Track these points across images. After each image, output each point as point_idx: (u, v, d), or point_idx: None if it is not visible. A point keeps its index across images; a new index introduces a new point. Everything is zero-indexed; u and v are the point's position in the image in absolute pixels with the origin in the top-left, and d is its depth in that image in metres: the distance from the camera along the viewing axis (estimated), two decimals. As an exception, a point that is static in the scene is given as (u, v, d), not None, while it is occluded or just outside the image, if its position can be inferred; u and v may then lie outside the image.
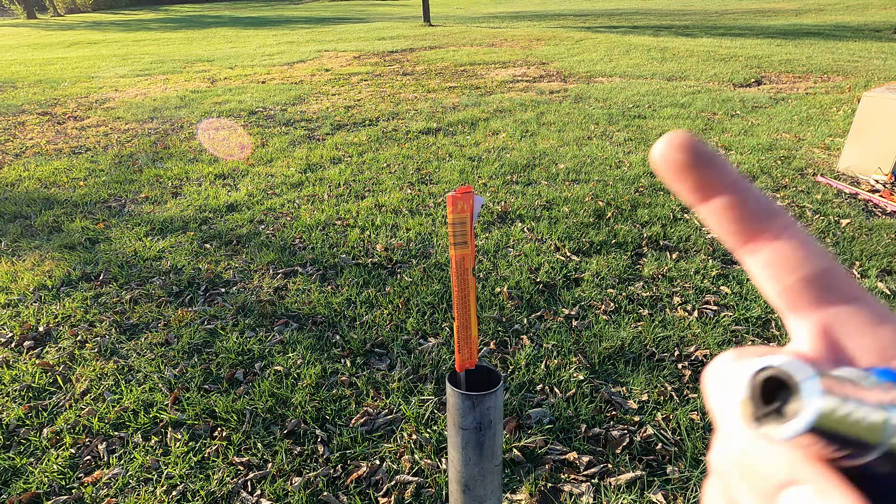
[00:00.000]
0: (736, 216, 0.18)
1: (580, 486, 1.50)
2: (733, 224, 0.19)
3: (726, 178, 0.19)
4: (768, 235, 0.18)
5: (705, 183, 0.19)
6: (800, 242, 0.18)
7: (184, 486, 1.54)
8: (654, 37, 10.81)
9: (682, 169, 0.19)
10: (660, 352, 1.99)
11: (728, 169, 0.19)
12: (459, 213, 0.49)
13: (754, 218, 0.18)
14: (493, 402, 0.57)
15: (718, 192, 0.19)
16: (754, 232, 0.18)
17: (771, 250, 0.18)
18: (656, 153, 0.19)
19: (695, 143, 0.19)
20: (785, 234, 0.18)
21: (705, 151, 0.19)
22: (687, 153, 0.19)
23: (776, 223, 0.18)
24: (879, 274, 2.42)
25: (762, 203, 0.18)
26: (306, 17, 20.87)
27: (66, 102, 6.67)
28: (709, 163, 0.19)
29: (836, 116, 4.80)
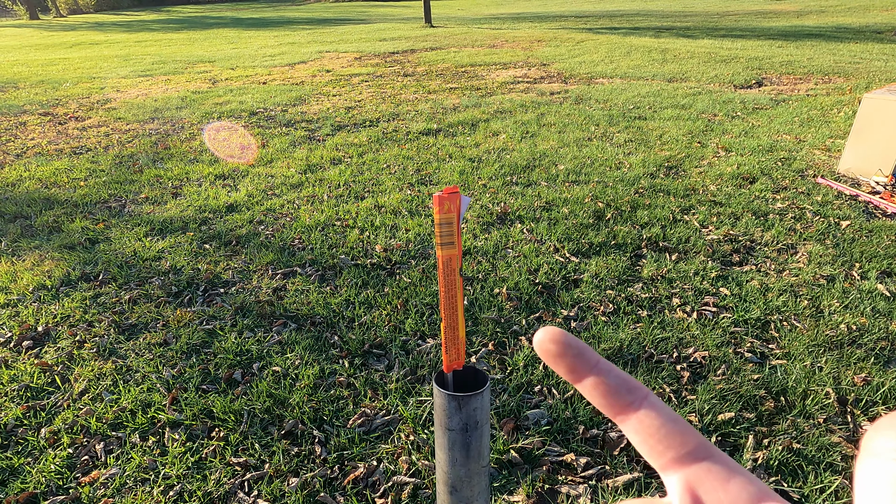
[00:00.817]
0: (603, 392, 0.22)
1: (578, 487, 1.49)
2: (602, 399, 0.22)
3: (590, 363, 0.23)
4: (631, 408, 0.22)
5: (575, 367, 0.23)
6: (657, 411, 0.21)
7: (181, 487, 1.54)
8: (655, 38, 10.81)
9: (555, 357, 0.23)
10: (658, 353, 1.99)
11: (591, 355, 0.23)
12: (446, 213, 0.48)
13: (617, 394, 0.22)
14: (480, 403, 0.56)
15: (586, 374, 0.23)
16: (620, 405, 0.22)
17: (635, 419, 0.22)
18: (536, 344, 0.23)
19: (565, 336, 0.23)
20: (644, 405, 0.22)
21: (573, 342, 0.23)
22: (558, 345, 0.23)
23: (635, 396, 0.22)
24: (879, 275, 2.41)
25: (621, 381, 0.22)
26: (308, 18, 20.90)
27: (67, 103, 6.69)
28: (576, 351, 0.23)
29: (836, 118, 4.79)
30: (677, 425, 0.21)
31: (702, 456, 0.20)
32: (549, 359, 0.23)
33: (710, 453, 0.20)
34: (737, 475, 0.19)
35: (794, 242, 2.73)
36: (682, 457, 0.20)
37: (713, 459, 0.20)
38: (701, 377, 1.88)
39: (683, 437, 0.21)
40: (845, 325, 2.09)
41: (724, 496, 0.19)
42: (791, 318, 2.15)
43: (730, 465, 0.20)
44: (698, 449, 0.20)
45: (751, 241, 2.75)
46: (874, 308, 2.19)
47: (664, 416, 0.21)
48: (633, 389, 0.22)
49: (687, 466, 0.20)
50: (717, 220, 2.97)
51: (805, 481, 1.49)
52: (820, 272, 2.45)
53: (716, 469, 0.20)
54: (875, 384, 1.80)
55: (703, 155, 4.00)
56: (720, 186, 3.41)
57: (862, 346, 1.99)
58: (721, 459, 0.20)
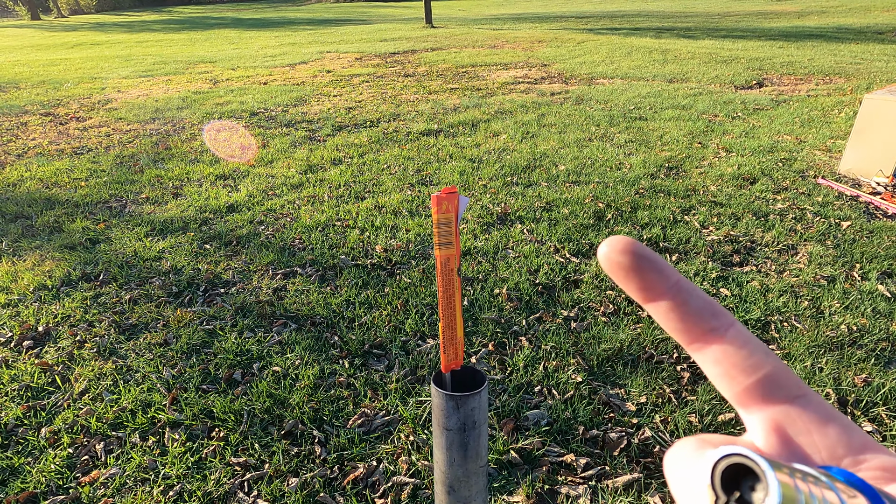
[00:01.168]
0: (681, 316, 0.19)
1: (577, 488, 1.49)
2: (679, 323, 0.20)
3: (669, 280, 0.20)
4: (714, 334, 0.19)
5: (650, 285, 0.20)
6: (744, 341, 0.19)
7: (181, 487, 1.54)
8: (656, 39, 10.81)
9: (627, 271, 0.20)
10: (658, 354, 1.99)
11: (670, 271, 0.20)
12: (444, 213, 0.48)
13: (699, 317, 0.19)
14: (478, 403, 0.56)
15: (663, 294, 0.20)
16: (700, 331, 0.19)
17: (718, 349, 0.19)
18: (601, 255, 0.20)
19: (637, 246, 0.20)
20: (729, 333, 0.19)
21: (648, 254, 0.20)
22: (630, 256, 0.20)
23: (720, 322, 0.19)
24: (880, 276, 2.41)
25: (705, 303, 0.20)
26: (308, 18, 20.92)
27: (68, 103, 6.69)
28: (652, 266, 0.20)
29: (837, 119, 4.79)
30: (768, 358, 0.19)
31: (795, 395, 0.18)
32: (619, 273, 0.20)
33: (804, 392, 0.18)
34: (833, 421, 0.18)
35: (794, 243, 2.72)
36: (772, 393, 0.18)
37: (807, 399, 0.18)
38: (701, 378, 1.88)
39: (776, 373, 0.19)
40: (846, 325, 2.09)
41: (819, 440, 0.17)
42: (791, 318, 2.15)
43: (826, 409, 0.18)
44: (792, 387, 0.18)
45: (751, 242, 2.75)
46: (875, 309, 2.19)
47: (753, 347, 0.19)
48: (718, 314, 0.20)
49: (777, 404, 0.18)
50: (717, 221, 2.97)
51: (805, 482, 1.49)
52: (820, 273, 2.45)
53: (810, 411, 0.18)
54: (875, 385, 1.80)
55: (704, 155, 4.00)
56: (721, 187, 3.41)
57: (862, 346, 1.99)
58: (815, 401, 0.18)
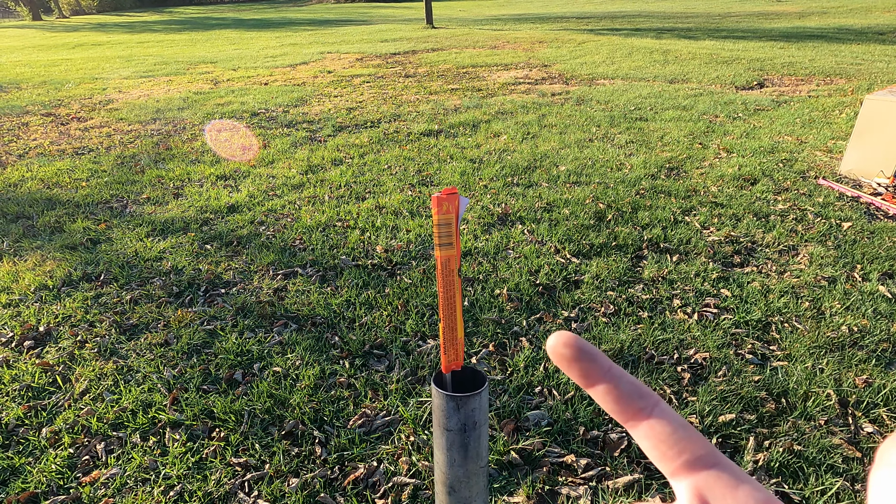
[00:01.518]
0: (614, 399, 0.22)
1: (578, 489, 1.49)
2: (614, 405, 0.23)
3: (602, 368, 0.23)
4: (642, 413, 0.22)
5: (588, 373, 0.23)
6: (667, 418, 0.22)
7: (181, 487, 1.54)
8: (657, 39, 10.81)
9: (569, 361, 0.23)
10: (659, 354, 1.98)
11: (603, 360, 0.23)
12: (445, 213, 0.48)
13: (629, 399, 0.22)
14: (478, 404, 0.56)
15: (599, 380, 0.23)
16: (631, 411, 0.22)
17: (646, 426, 0.22)
18: (549, 347, 0.23)
19: (578, 341, 0.23)
20: (654, 412, 0.22)
21: (585, 347, 0.23)
22: (571, 349, 0.23)
23: (646, 403, 0.22)
24: (881, 277, 2.41)
25: (633, 386, 0.23)
26: (309, 19, 20.94)
27: (69, 103, 6.70)
28: (588, 357, 0.23)
29: (838, 119, 4.78)
30: (686, 432, 0.22)
31: (710, 463, 0.21)
32: (563, 363, 0.23)
33: (718, 460, 0.21)
34: (744, 482, 0.20)
35: (795, 244, 2.72)
36: (692, 463, 0.21)
37: (721, 466, 0.21)
38: (702, 378, 1.87)
39: (693, 444, 0.21)
40: (846, 326, 2.09)
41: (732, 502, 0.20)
42: (792, 319, 2.15)
43: (737, 473, 0.20)
44: (707, 456, 0.21)
45: (752, 243, 2.75)
46: (875, 310, 2.18)
47: (674, 423, 0.22)
48: (644, 396, 0.22)
49: (696, 473, 0.21)
50: (718, 222, 2.96)
51: (806, 483, 1.49)
52: (821, 274, 2.44)
53: (724, 476, 0.20)
54: (876, 386, 1.79)
55: (705, 156, 4.00)
56: (721, 188, 3.41)
57: (863, 347, 1.98)
58: (729, 467, 0.21)
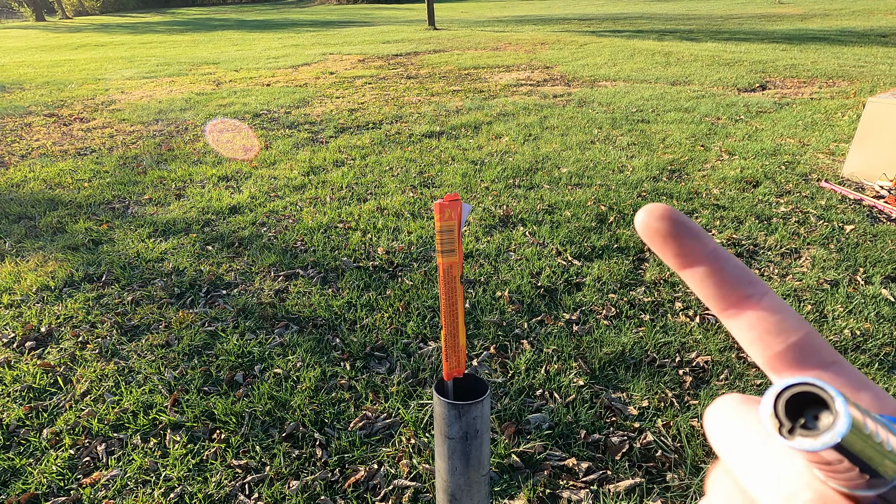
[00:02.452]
0: (717, 282, 0.20)
1: (579, 492, 1.49)
2: (715, 289, 0.20)
3: (706, 248, 0.20)
4: (749, 301, 0.19)
5: (686, 251, 0.20)
6: (778, 309, 0.19)
7: (182, 489, 1.54)
8: (659, 41, 10.81)
9: (664, 237, 0.20)
10: (661, 358, 1.98)
11: (706, 238, 0.20)
12: (447, 220, 0.48)
13: (735, 284, 0.20)
14: (480, 412, 0.56)
15: (699, 261, 0.20)
16: (736, 297, 0.20)
17: (753, 314, 0.19)
18: (638, 222, 0.20)
19: (675, 213, 0.20)
20: (764, 300, 0.19)
21: (685, 221, 0.20)
22: (668, 223, 0.20)
23: (755, 290, 0.20)
24: (884, 280, 2.40)
25: (741, 271, 0.20)
26: (311, 20, 20.98)
27: (72, 104, 6.72)
28: (688, 233, 0.20)
29: (840, 122, 4.78)
30: (803, 326, 0.19)
31: (826, 361, 0.18)
32: (656, 239, 0.20)
33: (836, 359, 0.19)
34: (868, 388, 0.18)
35: (797, 247, 2.71)
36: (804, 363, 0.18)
37: (838, 367, 0.18)
38: (703, 382, 1.87)
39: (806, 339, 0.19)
40: (849, 330, 2.08)
41: None
42: (794, 322, 2.14)
43: (859, 377, 0.18)
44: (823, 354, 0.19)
45: (754, 246, 2.74)
46: (878, 313, 2.18)
47: (786, 314, 0.19)
48: (755, 282, 0.20)
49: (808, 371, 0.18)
50: (720, 224, 2.96)
51: (808, 488, 1.48)
52: (824, 277, 2.44)
53: (842, 378, 0.18)
54: (879, 390, 1.79)
55: (707, 158, 3.99)
56: (723, 190, 3.40)
57: (866, 351, 1.98)
58: (848, 369, 0.18)
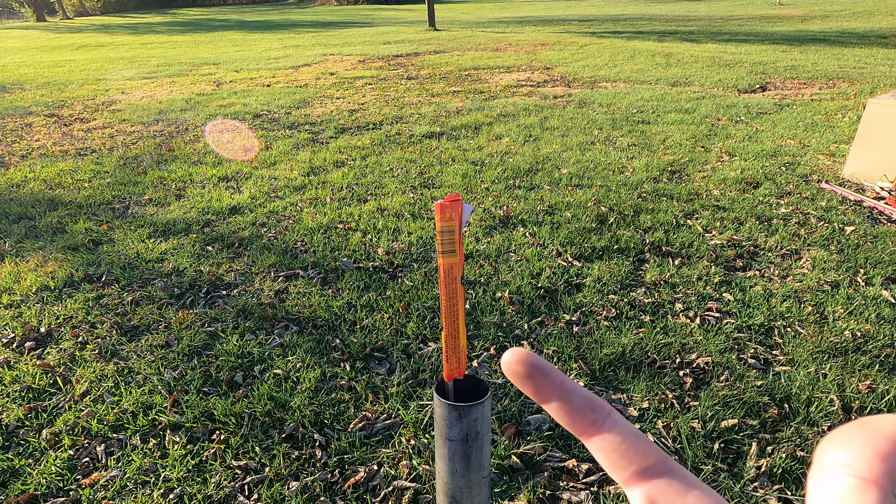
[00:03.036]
0: (568, 413, 0.23)
1: (579, 493, 1.48)
2: (568, 419, 0.23)
3: (554, 384, 0.23)
4: (594, 427, 0.23)
5: (541, 388, 0.23)
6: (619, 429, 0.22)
7: (181, 490, 1.53)
8: (659, 42, 10.81)
9: (523, 378, 0.23)
10: (661, 359, 1.98)
11: (556, 375, 0.23)
12: (448, 221, 0.48)
13: (581, 413, 0.23)
14: (481, 414, 0.56)
15: (552, 396, 0.23)
16: (584, 424, 0.23)
17: (599, 439, 0.22)
18: (503, 364, 0.24)
19: (531, 358, 0.23)
20: (606, 424, 0.22)
21: (539, 364, 0.23)
22: (524, 366, 0.23)
23: (598, 415, 0.23)
24: (884, 282, 2.40)
25: (585, 400, 0.23)
26: (312, 21, 20.99)
27: (72, 104, 6.72)
28: (542, 373, 0.23)
29: (841, 123, 4.77)
30: (638, 441, 0.22)
31: (662, 471, 0.21)
32: (517, 380, 0.24)
33: (670, 468, 0.21)
34: (694, 488, 0.20)
35: (798, 248, 2.71)
36: (643, 472, 0.21)
37: (672, 474, 0.21)
38: (704, 383, 1.87)
39: (643, 454, 0.22)
40: (850, 331, 2.08)
41: None
42: (795, 324, 2.14)
43: (688, 479, 0.21)
44: (659, 464, 0.21)
45: (754, 247, 2.74)
46: (879, 314, 2.17)
47: (625, 434, 0.22)
48: (597, 408, 0.23)
49: (647, 481, 0.21)
50: (720, 225, 2.96)
51: (809, 489, 1.48)
52: (824, 278, 2.44)
53: (675, 483, 0.21)
54: (880, 392, 1.78)
55: (707, 159, 3.99)
56: (724, 191, 3.40)
57: (867, 353, 1.97)
58: (680, 474, 0.21)
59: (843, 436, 0.17)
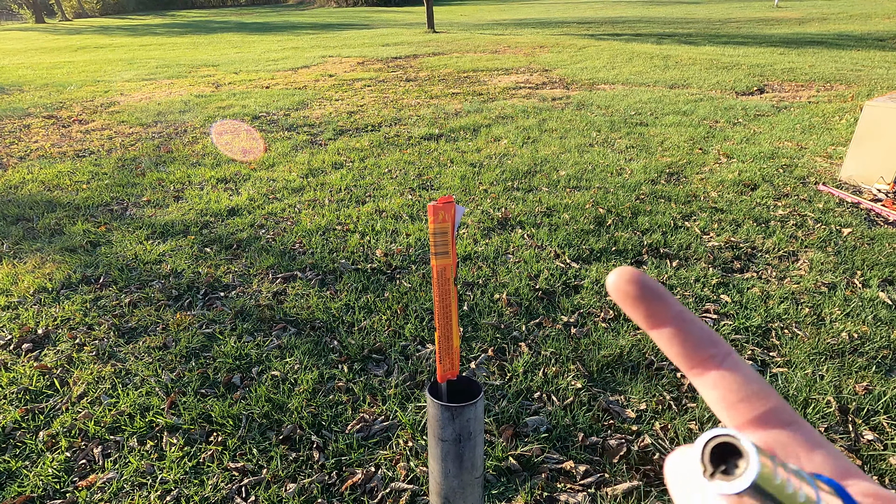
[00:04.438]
0: (682, 343, 0.21)
1: (576, 495, 1.48)
2: (680, 349, 0.21)
3: (672, 310, 0.21)
4: (712, 361, 0.21)
5: (654, 313, 0.21)
6: (740, 369, 0.20)
7: (178, 492, 1.53)
8: (657, 45, 10.84)
9: (634, 300, 0.21)
10: (658, 360, 1.98)
11: (673, 301, 0.21)
12: (441, 222, 0.48)
13: (698, 345, 0.21)
14: (473, 414, 0.56)
15: (665, 322, 0.21)
16: (699, 358, 0.21)
17: (715, 374, 0.20)
18: (610, 285, 0.22)
19: (643, 277, 0.21)
20: (726, 361, 0.21)
21: (653, 285, 0.21)
22: (636, 286, 0.21)
23: (717, 350, 0.21)
24: (881, 284, 2.40)
25: (704, 332, 0.21)
26: (311, 22, 21.01)
27: (71, 106, 6.72)
28: (656, 295, 0.21)
29: (838, 125, 4.79)
30: (761, 385, 0.20)
31: (786, 421, 0.19)
32: (627, 301, 0.21)
33: (794, 419, 0.20)
34: (821, 447, 0.19)
35: (795, 250, 2.72)
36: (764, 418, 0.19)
37: (797, 426, 0.19)
38: (701, 385, 1.87)
39: (767, 399, 0.20)
40: (847, 333, 2.08)
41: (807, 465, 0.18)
42: (792, 325, 2.14)
43: (814, 437, 0.19)
44: (781, 413, 0.20)
45: (752, 248, 2.74)
46: (876, 316, 2.18)
47: (747, 375, 0.20)
48: (717, 343, 0.21)
49: (769, 429, 0.19)
50: (718, 227, 2.96)
51: (806, 491, 1.48)
52: (821, 280, 2.44)
53: (799, 437, 0.19)
54: (877, 393, 1.79)
55: (705, 161, 4.00)
56: (721, 193, 3.41)
57: (863, 354, 1.98)
58: (806, 429, 0.19)
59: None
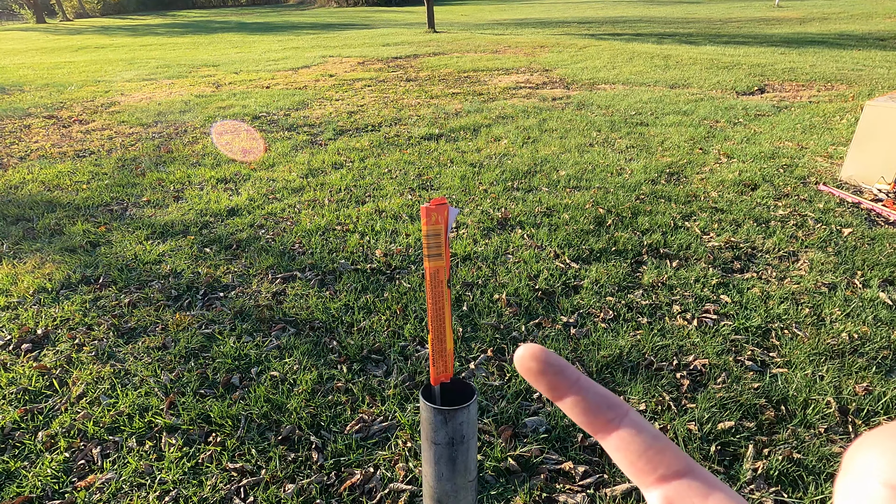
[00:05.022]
0: (583, 410, 0.22)
1: (575, 496, 1.48)
2: (583, 416, 0.22)
3: (570, 380, 0.23)
4: (611, 425, 0.22)
5: (556, 385, 0.23)
6: (638, 428, 0.22)
7: (177, 492, 1.53)
8: (658, 44, 10.83)
9: (536, 374, 0.23)
10: (658, 361, 1.98)
11: (572, 372, 0.23)
12: (434, 224, 0.48)
13: (597, 411, 0.22)
14: (466, 417, 0.56)
15: (567, 392, 0.23)
16: (600, 423, 0.22)
17: (616, 437, 0.22)
18: (516, 361, 0.23)
19: (545, 354, 0.23)
20: (623, 423, 0.22)
21: (553, 360, 0.23)
22: (538, 362, 0.23)
23: (615, 413, 0.22)
24: (881, 284, 2.40)
25: (601, 397, 0.22)
26: (312, 22, 21.01)
27: (72, 106, 6.72)
28: (556, 369, 0.23)
29: (839, 125, 4.78)
30: (658, 442, 0.21)
31: (682, 471, 0.20)
32: (530, 376, 0.23)
33: (691, 468, 0.21)
34: (716, 490, 0.20)
35: (795, 250, 2.71)
36: (663, 473, 0.21)
37: (693, 475, 0.20)
38: (701, 385, 1.87)
39: (664, 455, 0.21)
40: (847, 333, 2.08)
41: None
42: (792, 326, 2.14)
43: (710, 481, 0.20)
44: (679, 465, 0.21)
45: (752, 249, 2.74)
46: (876, 317, 2.17)
47: (645, 433, 0.21)
48: (614, 406, 0.22)
49: (667, 483, 0.20)
50: (718, 227, 2.96)
51: (805, 492, 1.48)
52: (821, 280, 2.44)
53: (696, 485, 0.20)
54: (877, 394, 1.78)
55: (705, 161, 4.00)
56: (722, 193, 3.40)
57: (863, 355, 1.97)
58: (701, 475, 0.20)
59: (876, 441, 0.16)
